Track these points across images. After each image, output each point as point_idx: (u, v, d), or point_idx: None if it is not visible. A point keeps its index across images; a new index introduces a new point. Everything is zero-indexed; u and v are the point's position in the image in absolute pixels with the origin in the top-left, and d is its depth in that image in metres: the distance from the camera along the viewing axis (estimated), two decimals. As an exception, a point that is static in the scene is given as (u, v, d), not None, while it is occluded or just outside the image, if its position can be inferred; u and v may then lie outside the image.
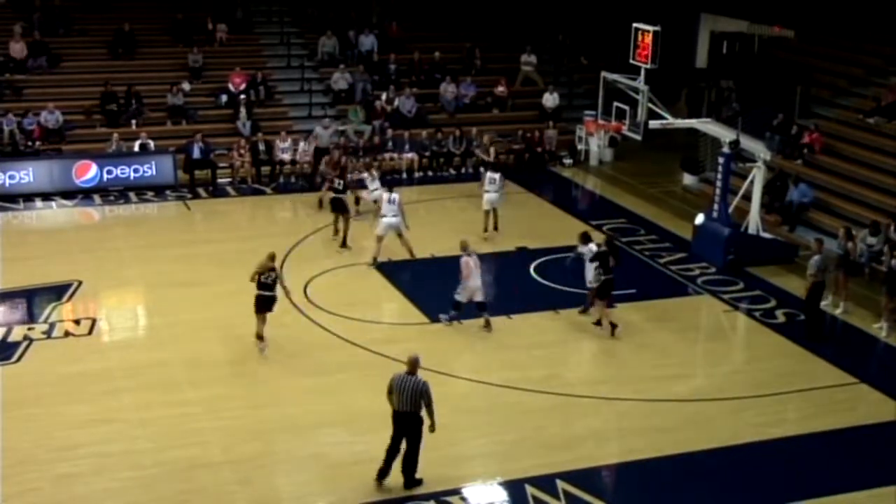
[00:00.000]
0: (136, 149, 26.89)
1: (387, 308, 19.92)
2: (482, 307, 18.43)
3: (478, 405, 15.93)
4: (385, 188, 22.39)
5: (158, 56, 30.90)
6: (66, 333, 18.05)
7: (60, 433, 14.71)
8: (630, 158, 29.90)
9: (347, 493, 13.51)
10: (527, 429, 15.26)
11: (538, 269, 21.50)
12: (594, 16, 33.61)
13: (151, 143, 27.03)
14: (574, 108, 31.29)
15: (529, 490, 13.63)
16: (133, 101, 28.62)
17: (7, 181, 25.54)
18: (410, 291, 20.17)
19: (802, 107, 27.73)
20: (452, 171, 28.89)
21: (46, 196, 25.61)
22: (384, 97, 30.34)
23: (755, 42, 30.58)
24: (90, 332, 18.14)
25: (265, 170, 27.56)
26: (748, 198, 22.69)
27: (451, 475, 13.89)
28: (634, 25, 22.10)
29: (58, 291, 19.73)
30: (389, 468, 13.53)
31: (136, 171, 26.43)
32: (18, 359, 17.03)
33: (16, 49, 29.16)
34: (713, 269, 21.87)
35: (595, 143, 29.95)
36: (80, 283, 20.05)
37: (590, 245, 19.09)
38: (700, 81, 30.68)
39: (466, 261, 18.22)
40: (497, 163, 27.39)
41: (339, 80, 30.72)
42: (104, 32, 30.84)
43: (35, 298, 19.58)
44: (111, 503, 13.26)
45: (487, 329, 18.37)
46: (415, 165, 28.73)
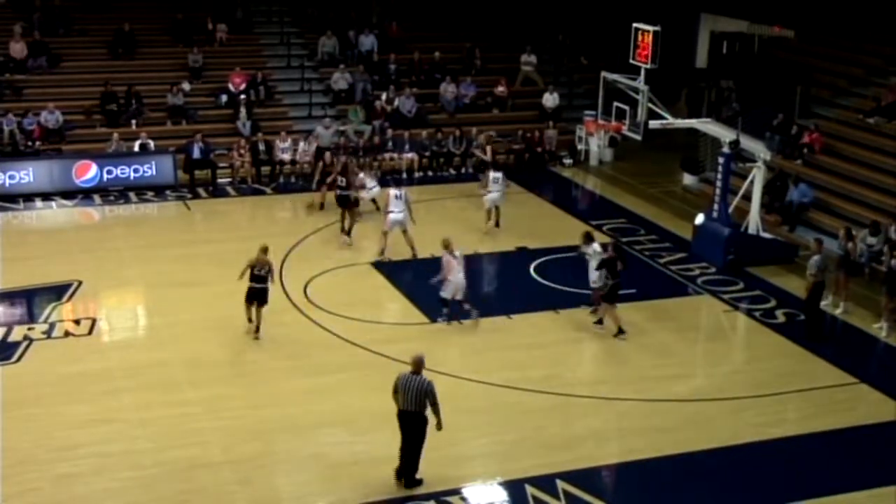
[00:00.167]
0: (136, 149, 26.87)
1: (387, 308, 19.90)
2: (459, 306, 18.52)
3: (478, 405, 15.92)
4: (393, 184, 22.41)
5: (158, 56, 30.89)
6: (66, 333, 18.04)
7: (60, 433, 14.70)
8: (630, 158, 29.88)
9: (347, 493, 13.51)
10: (527, 429, 15.26)
11: (538, 269, 21.50)
12: (594, 16, 33.58)
13: (151, 143, 27.01)
14: (574, 108, 31.27)
15: (529, 490, 13.63)
16: (133, 101, 28.60)
17: (7, 181, 25.51)
18: (410, 291, 20.15)
19: (802, 107, 27.71)
20: (452, 171, 28.86)
21: (46, 196, 25.58)
22: (384, 97, 30.32)
23: (755, 42, 30.56)
24: (90, 332, 18.13)
25: (265, 170, 27.55)
26: (748, 198, 22.68)
27: (451, 475, 13.89)
28: (634, 25, 22.10)
29: (58, 291, 19.71)
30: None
31: (136, 171, 26.41)
32: (18, 359, 17.02)
33: (16, 49, 29.15)
34: (713, 269, 21.86)
35: (595, 143, 29.91)
36: (80, 283, 20.04)
37: (593, 245, 19.09)
38: (700, 81, 30.64)
39: (448, 259, 18.30)
40: (496, 162, 27.40)
41: (339, 80, 30.71)
42: (104, 32, 30.82)
43: (35, 298, 19.55)
44: (111, 503, 13.25)
45: (462, 323, 18.47)
46: (415, 165, 28.72)
